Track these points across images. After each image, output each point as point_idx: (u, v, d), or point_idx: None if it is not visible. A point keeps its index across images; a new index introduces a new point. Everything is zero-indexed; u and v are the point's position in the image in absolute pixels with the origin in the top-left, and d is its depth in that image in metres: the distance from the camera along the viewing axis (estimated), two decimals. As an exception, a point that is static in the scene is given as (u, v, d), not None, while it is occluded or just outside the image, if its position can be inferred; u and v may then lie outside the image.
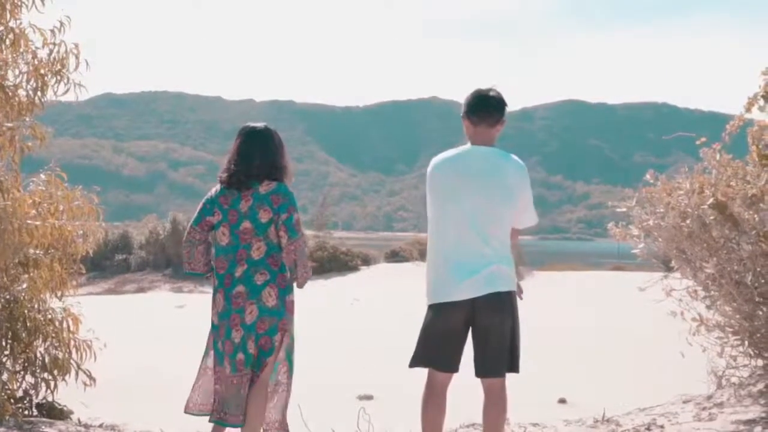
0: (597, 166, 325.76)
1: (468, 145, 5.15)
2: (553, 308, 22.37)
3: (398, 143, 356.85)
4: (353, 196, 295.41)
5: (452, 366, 5.00)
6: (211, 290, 5.38)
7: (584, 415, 7.20)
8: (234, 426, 5.17)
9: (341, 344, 15.79)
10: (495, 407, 4.96)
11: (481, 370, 4.97)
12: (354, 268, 41.01)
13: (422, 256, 43.44)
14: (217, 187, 5.32)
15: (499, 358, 4.97)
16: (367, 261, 43.16)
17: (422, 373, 5.01)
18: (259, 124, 5.41)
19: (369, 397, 10.86)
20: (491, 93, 5.16)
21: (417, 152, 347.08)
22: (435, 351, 4.99)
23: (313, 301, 20.86)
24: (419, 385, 4.97)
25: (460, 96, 5.46)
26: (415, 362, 5.08)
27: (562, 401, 10.62)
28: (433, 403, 4.99)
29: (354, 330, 18.45)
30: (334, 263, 40.41)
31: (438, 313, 4.99)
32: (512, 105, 5.23)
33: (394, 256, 45.28)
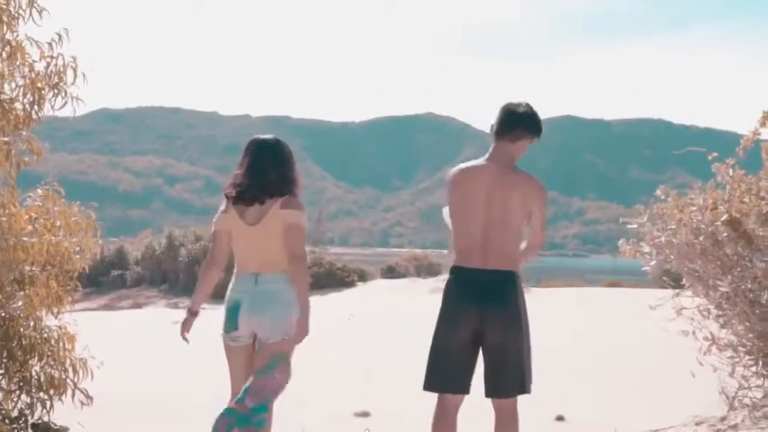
0: (592, 182, 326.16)
1: (484, 160, 5.04)
2: (550, 325, 22.18)
3: (394, 159, 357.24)
4: (349, 211, 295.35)
5: (464, 387, 4.87)
6: (208, 306, 5.31)
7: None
8: None
9: (338, 360, 15.66)
10: (507, 428, 4.88)
11: (493, 391, 4.87)
12: (350, 284, 40.82)
13: (418, 272, 43.36)
14: (225, 204, 5.20)
15: (511, 376, 4.86)
16: (363, 277, 43.01)
17: (420, 389, 4.90)
18: (269, 137, 5.33)
19: (366, 414, 10.70)
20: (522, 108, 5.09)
21: (413, 168, 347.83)
22: (445, 371, 4.86)
23: (310, 317, 20.67)
24: (416, 402, 4.88)
25: (456, 112, 5.49)
26: (429, 386, 4.95)
27: (560, 418, 10.45)
28: (445, 427, 4.86)
29: (351, 346, 18.33)
30: (331, 279, 40.21)
31: (446, 325, 4.89)
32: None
33: (391, 272, 45.15)
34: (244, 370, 5.17)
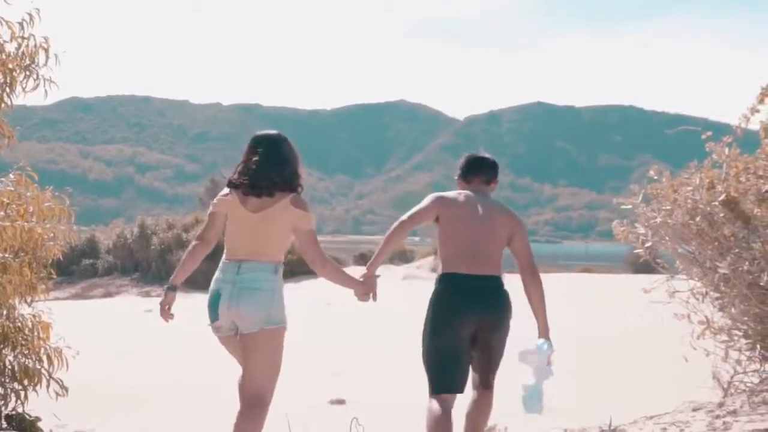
0: (564, 168, 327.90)
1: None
2: (529, 313, 21.99)
3: (366, 146, 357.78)
4: (321, 199, 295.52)
5: (465, 386, 5.18)
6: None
7: (569, 421, 6.99)
8: None
9: (316, 348, 15.53)
10: (487, 398, 5.33)
11: (483, 384, 5.34)
12: (324, 272, 40.68)
13: (391, 259, 43.25)
14: (226, 193, 5.09)
15: (494, 371, 5.38)
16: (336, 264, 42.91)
17: (396, 377, 4.88)
18: (278, 133, 5.29)
19: (341, 402, 10.56)
20: (485, 154, 5.71)
21: (385, 155, 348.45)
22: (453, 374, 5.12)
23: (287, 305, 20.46)
24: (393, 390, 4.82)
25: (427, 99, 5.59)
26: (440, 390, 5.12)
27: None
28: (447, 428, 4.97)
29: (329, 333, 18.24)
30: (304, 266, 39.85)
31: (446, 330, 5.16)
32: (480, 108, 5.31)
33: (364, 259, 45.04)
34: (242, 355, 5.03)
